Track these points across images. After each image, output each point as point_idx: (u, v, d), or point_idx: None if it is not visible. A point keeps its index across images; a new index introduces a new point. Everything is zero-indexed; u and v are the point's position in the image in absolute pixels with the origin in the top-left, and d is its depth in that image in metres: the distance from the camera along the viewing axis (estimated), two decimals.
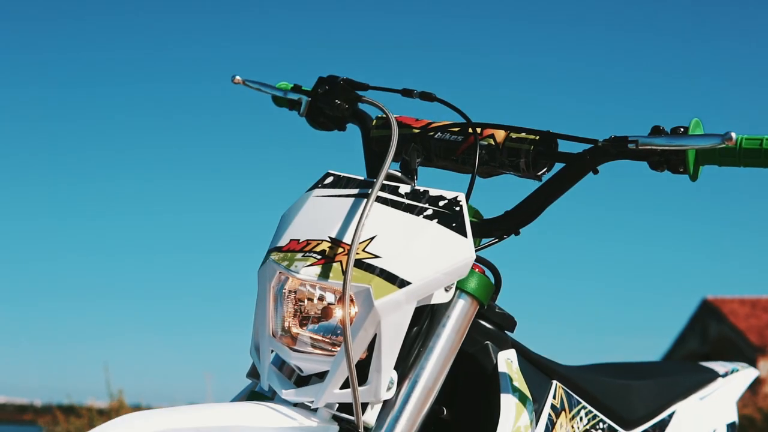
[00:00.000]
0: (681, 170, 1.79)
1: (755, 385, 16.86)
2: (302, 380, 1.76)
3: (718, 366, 2.85)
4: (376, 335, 1.66)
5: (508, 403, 1.84)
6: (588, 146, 1.83)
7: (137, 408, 8.14)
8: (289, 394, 1.71)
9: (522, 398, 1.87)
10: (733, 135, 1.69)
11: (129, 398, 8.08)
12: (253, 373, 1.84)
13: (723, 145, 1.71)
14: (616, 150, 1.80)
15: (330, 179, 1.85)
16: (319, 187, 1.84)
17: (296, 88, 2.24)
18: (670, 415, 2.48)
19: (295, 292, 1.73)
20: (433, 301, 1.74)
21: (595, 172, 1.83)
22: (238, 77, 2.27)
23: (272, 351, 1.75)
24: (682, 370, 2.70)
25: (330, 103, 2.14)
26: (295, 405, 1.72)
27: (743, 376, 2.86)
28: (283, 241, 1.77)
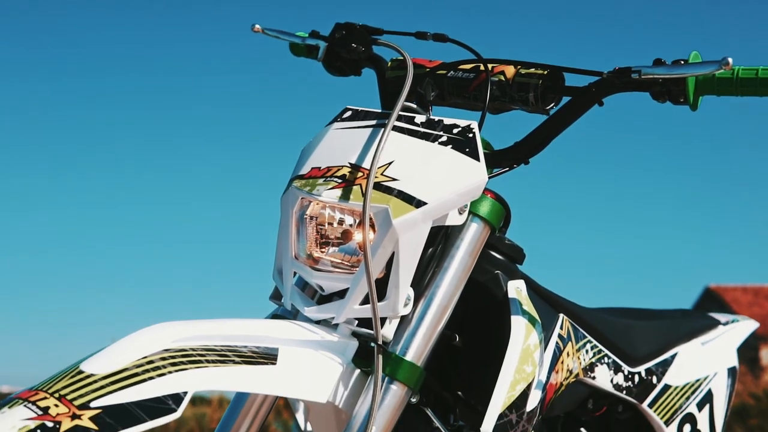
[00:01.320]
0: (681, 100, 1.89)
1: (756, 369, 16.94)
2: (323, 300, 1.85)
3: (719, 316, 2.93)
4: (394, 253, 1.75)
5: (518, 323, 1.93)
6: (594, 79, 1.93)
7: None
8: (311, 311, 1.81)
9: (531, 320, 1.96)
10: (730, 60, 1.78)
11: None
12: (276, 296, 1.94)
13: (721, 71, 1.81)
14: (620, 81, 1.89)
15: (348, 113, 1.94)
16: (338, 121, 1.94)
17: (314, 34, 2.33)
18: (673, 356, 2.56)
19: (316, 217, 1.82)
20: (448, 223, 1.83)
21: (600, 104, 1.93)
22: (257, 26, 2.36)
23: (295, 273, 1.84)
24: (685, 316, 2.79)
25: (347, 47, 2.23)
26: (317, 323, 1.82)
27: (743, 326, 2.94)
28: (304, 170, 1.86)
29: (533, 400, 1.91)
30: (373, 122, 1.89)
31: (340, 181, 1.80)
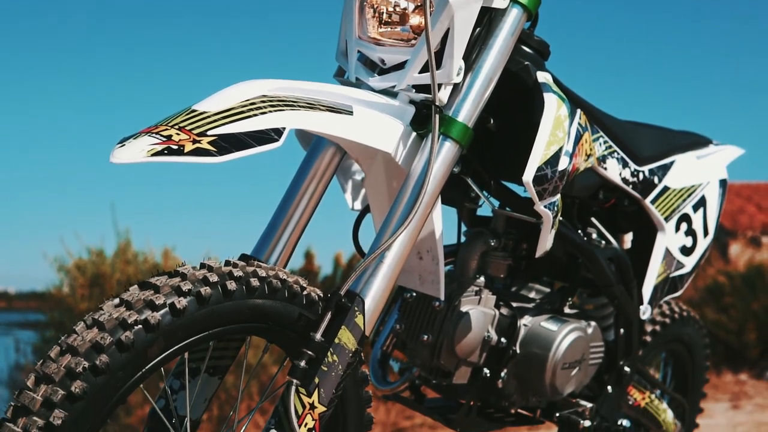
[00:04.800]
0: None
1: (726, 253, 17.41)
2: (383, 73, 2.13)
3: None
4: (449, 29, 2.03)
5: (550, 97, 2.21)
6: None
7: (142, 252, 8.44)
8: (374, 81, 2.09)
9: (560, 97, 2.25)
10: None
11: (135, 240, 8.36)
12: (339, 74, 2.22)
13: None
14: None
15: None
16: None
17: None
18: (671, 163, 2.86)
19: (375, 6, 2.10)
20: (494, 5, 2.11)
21: None
22: None
23: (358, 51, 2.12)
24: (682, 132, 3.07)
25: None
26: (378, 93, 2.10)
27: (732, 149, 3.23)
28: None
29: (563, 163, 2.20)
30: None
31: None
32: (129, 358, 1.69)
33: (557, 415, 2.65)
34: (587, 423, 2.66)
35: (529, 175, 2.13)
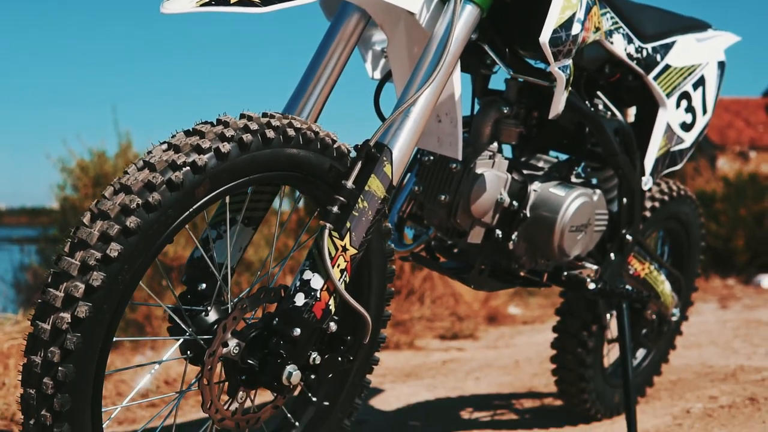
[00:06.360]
0: None
1: (714, 167, 17.57)
2: None
3: None
4: None
5: None
6: None
7: (144, 152, 8.40)
8: None
9: None
10: None
11: (136, 142, 8.43)
12: None
13: None
14: None
15: None
16: None
17: None
18: (673, 42, 2.99)
19: None
20: None
21: None
22: None
23: None
24: (682, 16, 3.20)
25: None
26: None
27: (729, 35, 3.36)
28: None
29: (576, 28, 2.32)
30: None
31: None
32: (178, 196, 1.82)
33: (565, 274, 2.81)
34: (592, 285, 2.82)
35: (545, 36, 2.26)
